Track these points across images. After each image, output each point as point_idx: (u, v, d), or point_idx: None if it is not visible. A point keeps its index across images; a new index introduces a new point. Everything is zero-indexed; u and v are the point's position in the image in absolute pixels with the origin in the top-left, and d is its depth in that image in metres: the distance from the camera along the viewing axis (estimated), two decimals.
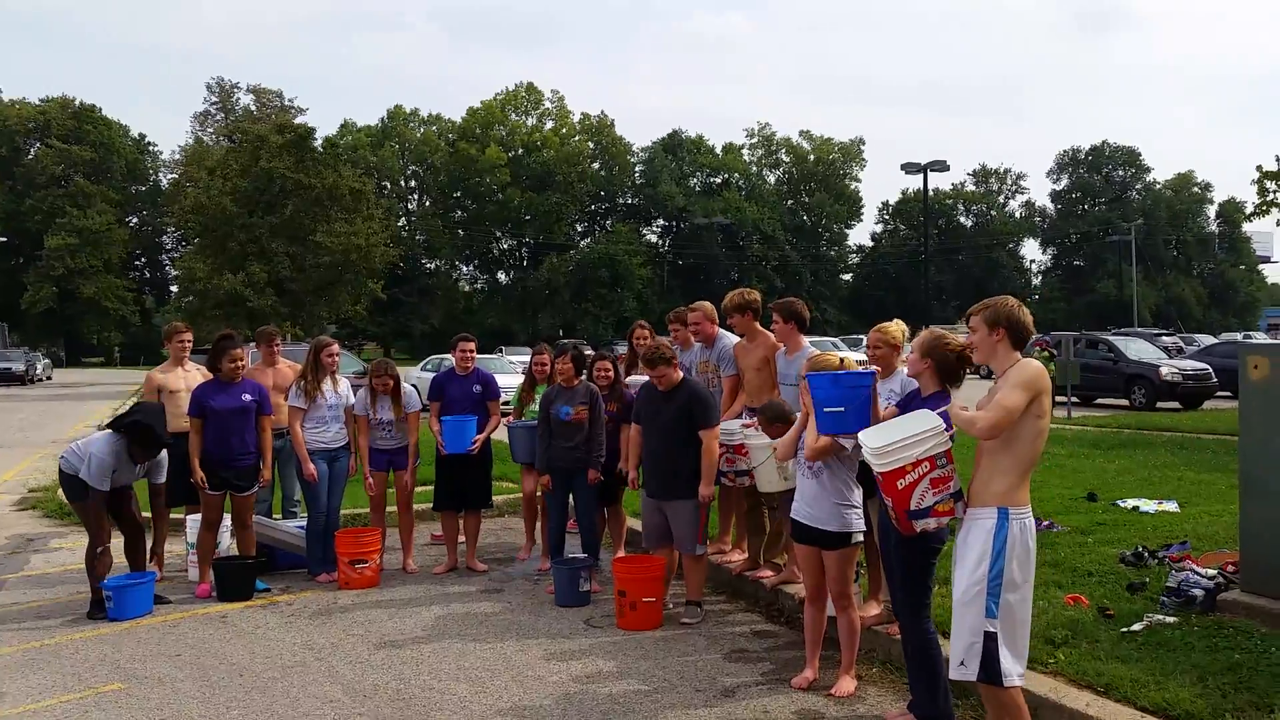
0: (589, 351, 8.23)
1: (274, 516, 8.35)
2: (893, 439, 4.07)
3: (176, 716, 4.86)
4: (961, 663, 3.91)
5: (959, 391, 4.48)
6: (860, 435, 4.33)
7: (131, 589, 6.66)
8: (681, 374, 6.49)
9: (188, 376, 7.91)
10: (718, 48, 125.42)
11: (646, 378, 6.73)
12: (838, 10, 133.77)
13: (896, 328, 5.51)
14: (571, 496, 7.40)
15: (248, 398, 7.24)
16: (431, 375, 10.44)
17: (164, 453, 6.97)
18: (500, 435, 8.36)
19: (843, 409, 4.66)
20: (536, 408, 7.89)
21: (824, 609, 5.28)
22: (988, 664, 3.86)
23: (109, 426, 6.82)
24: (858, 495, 5.08)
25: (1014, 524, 3.90)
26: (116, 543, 6.88)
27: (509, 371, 22.02)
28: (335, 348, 7.82)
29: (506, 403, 8.62)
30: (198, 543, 7.37)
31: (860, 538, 5.15)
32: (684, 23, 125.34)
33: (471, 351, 8.09)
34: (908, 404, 4.59)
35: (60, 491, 6.92)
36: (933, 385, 4.45)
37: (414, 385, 8.47)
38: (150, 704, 5.02)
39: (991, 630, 3.86)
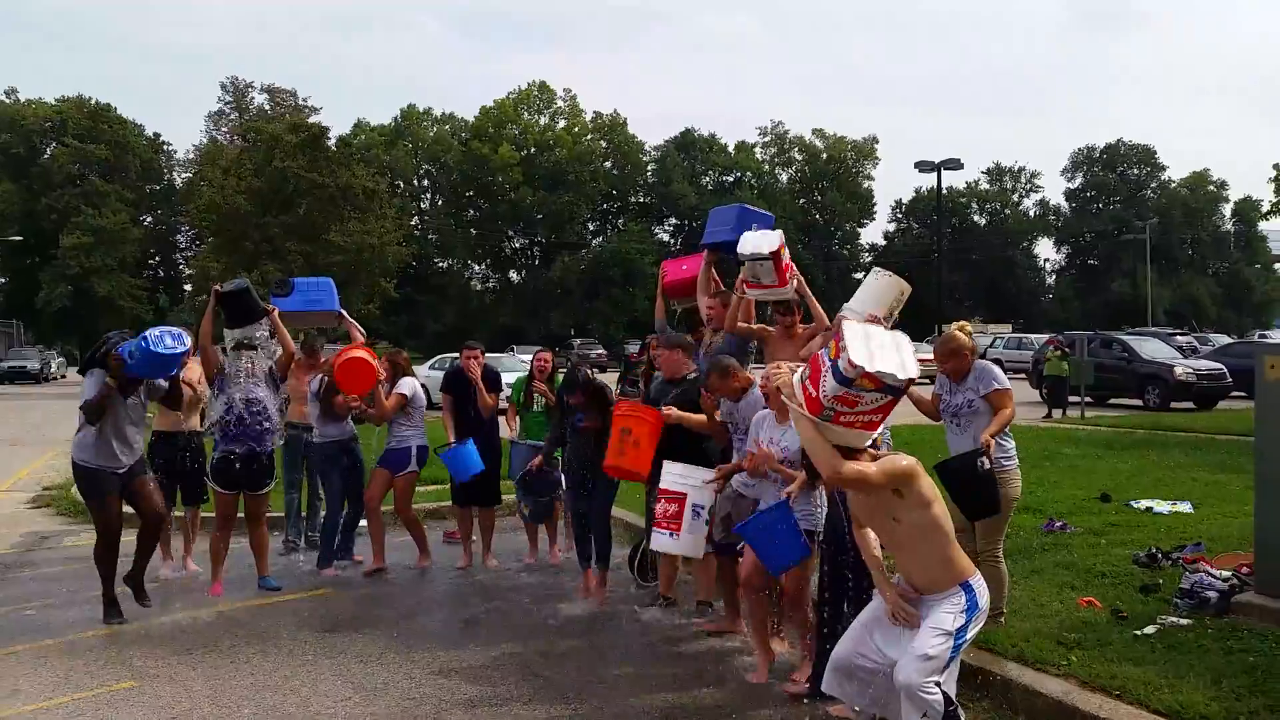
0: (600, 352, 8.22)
1: (302, 513, 8.53)
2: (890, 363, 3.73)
3: (188, 715, 4.88)
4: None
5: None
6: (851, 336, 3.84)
7: None
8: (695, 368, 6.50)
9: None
10: (728, 46, 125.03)
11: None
12: (846, 9, 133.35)
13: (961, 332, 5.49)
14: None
15: None
16: (440, 374, 10.50)
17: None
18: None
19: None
20: (537, 409, 7.93)
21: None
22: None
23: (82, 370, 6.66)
24: None
25: (979, 591, 3.91)
26: (125, 540, 6.86)
27: (520, 370, 21.94)
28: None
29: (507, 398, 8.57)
30: (210, 543, 7.37)
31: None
32: (694, 21, 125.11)
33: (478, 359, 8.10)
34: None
35: (75, 489, 6.94)
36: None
37: (423, 385, 8.35)
38: (162, 702, 5.04)
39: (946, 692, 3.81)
